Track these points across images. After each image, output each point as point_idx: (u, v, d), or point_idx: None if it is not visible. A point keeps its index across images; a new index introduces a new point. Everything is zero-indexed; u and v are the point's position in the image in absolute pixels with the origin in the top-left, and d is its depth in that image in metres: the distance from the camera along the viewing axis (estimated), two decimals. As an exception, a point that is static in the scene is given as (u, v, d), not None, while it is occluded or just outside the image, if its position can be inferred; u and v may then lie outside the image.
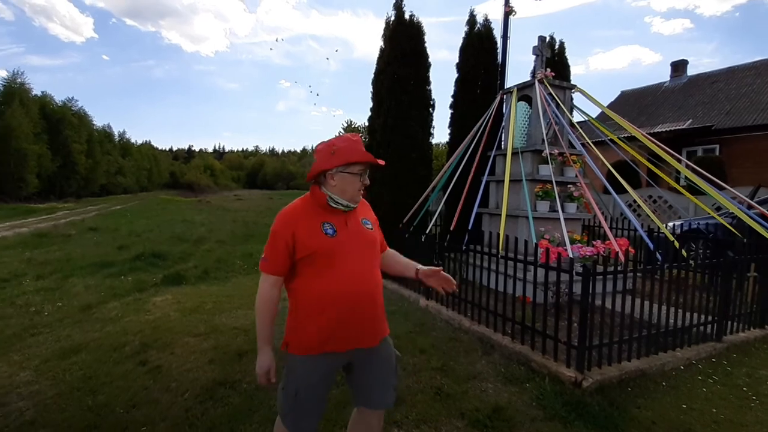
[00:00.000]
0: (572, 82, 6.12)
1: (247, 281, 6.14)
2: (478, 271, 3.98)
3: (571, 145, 5.57)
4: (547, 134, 5.53)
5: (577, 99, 7.22)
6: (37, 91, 33.07)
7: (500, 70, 6.73)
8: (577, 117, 6.19)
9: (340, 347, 1.51)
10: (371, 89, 6.89)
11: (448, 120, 7.21)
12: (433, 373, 2.93)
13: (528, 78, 5.91)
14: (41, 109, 31.76)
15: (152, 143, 70.20)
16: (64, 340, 3.83)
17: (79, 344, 3.66)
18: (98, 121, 44.85)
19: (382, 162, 1.55)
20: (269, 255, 1.52)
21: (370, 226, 1.63)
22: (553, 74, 5.65)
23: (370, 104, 6.90)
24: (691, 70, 18.44)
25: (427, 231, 5.30)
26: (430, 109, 6.94)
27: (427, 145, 6.96)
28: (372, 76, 6.88)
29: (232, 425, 2.33)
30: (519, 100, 5.88)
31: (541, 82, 5.48)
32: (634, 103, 17.69)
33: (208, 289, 5.70)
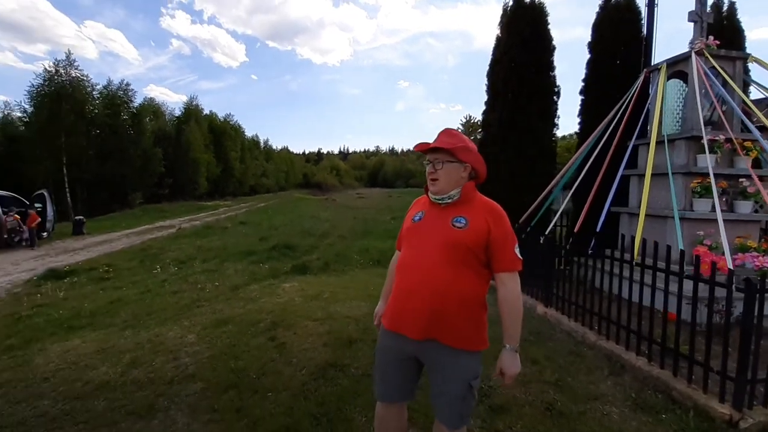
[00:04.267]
0: (746, 51, 4.88)
1: (363, 275, 6.52)
2: (611, 279, 3.45)
3: (745, 129, 4.44)
4: (709, 117, 4.52)
5: (756, 72, 5.73)
6: (206, 110, 40.65)
7: (645, 44, 5.74)
8: (755, 94, 4.91)
9: (388, 323, 1.63)
10: (486, 82, 6.61)
11: (578, 108, 6.46)
12: (545, 387, 2.67)
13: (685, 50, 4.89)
14: (209, 124, 38.97)
15: (289, 148, 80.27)
16: (218, 313, 4.63)
17: (228, 317, 4.38)
18: (248, 132, 53.12)
19: (427, 146, 1.58)
20: (399, 233, 1.78)
21: (460, 225, 1.51)
22: (718, 43, 4.58)
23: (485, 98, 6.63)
24: None
25: (547, 232, 4.84)
26: (554, 98, 6.33)
27: (549, 138, 6.37)
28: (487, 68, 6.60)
29: (339, 404, 2.50)
30: (671, 77, 4.92)
31: (699, 54, 4.49)
32: None
33: (327, 279, 6.23)
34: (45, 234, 12.90)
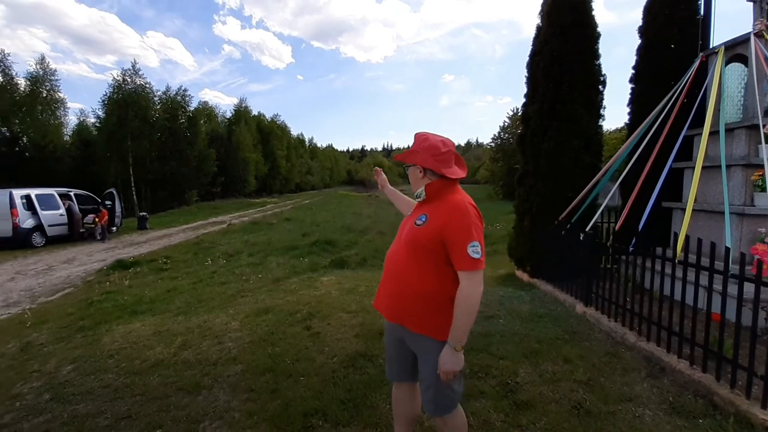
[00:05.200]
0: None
1: (398, 269, 6.60)
2: (662, 279, 3.25)
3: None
4: (771, 104, 4.11)
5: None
6: (254, 111, 42.56)
7: (701, 27, 5.29)
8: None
9: (375, 304, 1.81)
10: (525, 74, 6.40)
11: (628, 97, 6.09)
12: (574, 386, 2.60)
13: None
14: (257, 125, 40.77)
15: (333, 146, 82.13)
16: (260, 302, 4.92)
17: (269, 307, 4.65)
18: (294, 131, 54.95)
19: (399, 159, 1.74)
20: None
21: (419, 222, 1.62)
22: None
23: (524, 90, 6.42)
24: None
25: (587, 228, 4.64)
26: (600, 87, 5.99)
27: (594, 129, 6.05)
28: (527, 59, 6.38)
29: (366, 391, 2.61)
30: (730, 61, 4.51)
31: (759, 36, 4.09)
32: None
33: (364, 274, 6.38)
34: (114, 229, 14.23)
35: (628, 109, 6.09)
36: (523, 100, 6.49)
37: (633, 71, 5.90)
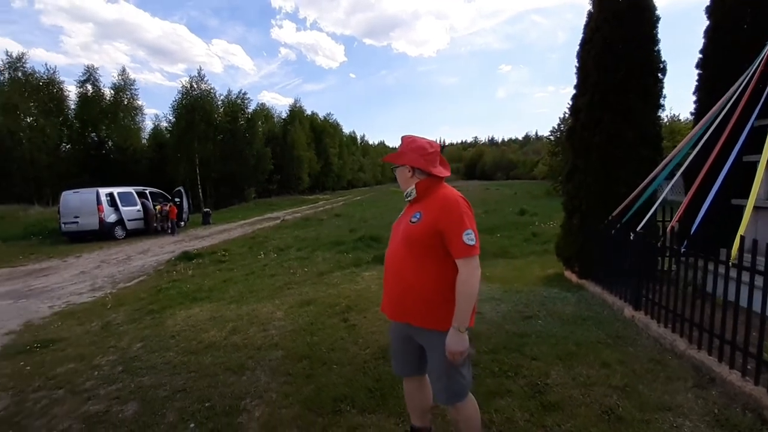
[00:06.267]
0: None
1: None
2: (721, 282, 2.99)
3: None
4: None
5: None
6: (308, 111, 44.17)
7: (782, 3, 4.70)
8: None
9: (381, 306, 1.85)
10: (576, 64, 6.08)
11: (695, 84, 5.57)
12: (608, 391, 2.49)
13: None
14: (310, 124, 42.28)
15: (385, 142, 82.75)
16: (304, 294, 5.20)
17: (311, 299, 4.90)
18: (346, 129, 56.27)
19: (387, 160, 1.82)
20: None
21: (414, 219, 1.68)
22: None
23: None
24: None
25: (639, 227, 4.35)
26: (659, 75, 5.54)
27: (651, 120, 5.61)
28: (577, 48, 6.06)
29: (393, 382, 2.70)
30: (816, 39, 3.99)
31: None
32: None
33: (405, 269, 6.46)
34: (182, 223, 15.59)
35: (694, 97, 5.58)
36: (573, 91, 6.18)
37: (700, 55, 5.38)
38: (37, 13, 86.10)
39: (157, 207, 14.27)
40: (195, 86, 27.80)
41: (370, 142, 68.21)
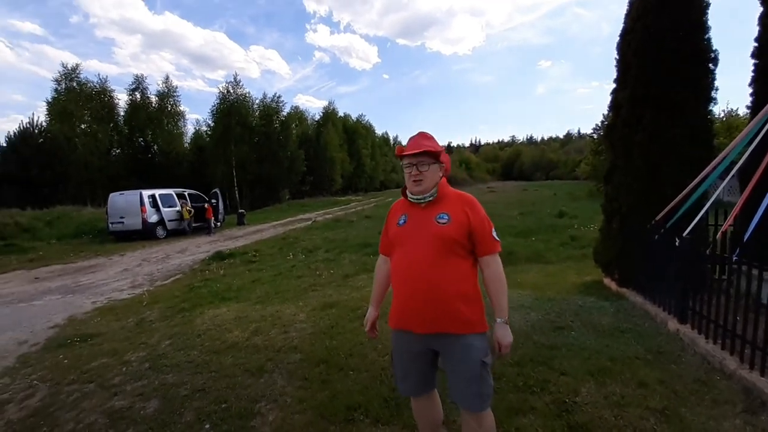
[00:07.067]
0: None
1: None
2: None
3: None
4: None
5: None
6: (341, 112, 44.74)
7: None
8: None
9: (394, 323, 1.72)
10: (615, 56, 5.71)
11: (750, 75, 5.07)
12: (645, 414, 2.27)
13: None
14: (343, 125, 42.80)
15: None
16: (327, 297, 5.19)
17: (334, 302, 4.88)
18: (379, 130, 56.47)
19: (416, 149, 1.66)
20: (381, 238, 1.93)
21: (443, 221, 1.62)
22: None
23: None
24: None
25: (686, 232, 3.99)
26: (709, 66, 5.09)
27: (701, 115, 5.16)
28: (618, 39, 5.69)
29: (408, 394, 2.60)
30: None
31: None
32: None
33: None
34: (218, 224, 16.18)
35: (750, 90, 5.07)
36: (613, 85, 5.81)
37: (755, 44, 4.89)
38: (92, 27, 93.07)
39: (185, 207, 14.82)
40: (231, 91, 28.91)
41: (404, 143, 67.83)
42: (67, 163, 23.18)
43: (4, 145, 23.47)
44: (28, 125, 23.95)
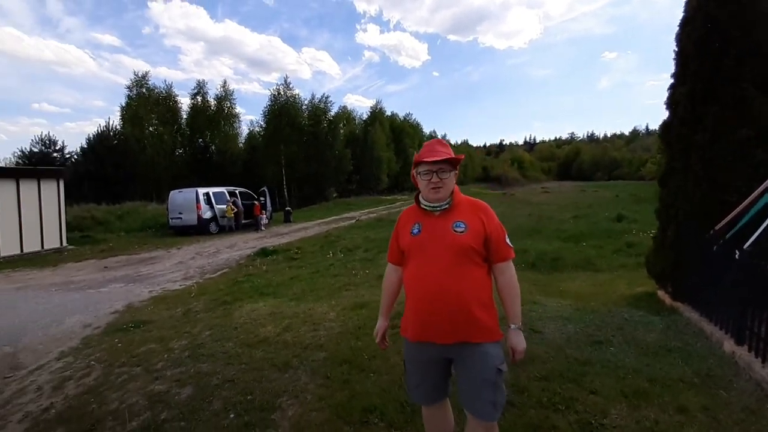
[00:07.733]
0: None
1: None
2: None
3: None
4: None
5: None
6: (389, 111, 44.97)
7: None
8: None
9: (413, 336, 1.70)
10: (674, 48, 5.24)
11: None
12: (680, 443, 2.08)
13: None
14: (390, 124, 42.98)
15: (468, 141, 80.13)
16: (359, 297, 5.27)
17: (365, 302, 4.94)
18: (427, 128, 55.84)
19: (437, 157, 1.60)
20: (389, 246, 1.90)
21: (460, 229, 1.61)
22: None
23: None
24: None
25: (747, 244, 3.59)
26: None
27: (773, 115, 4.62)
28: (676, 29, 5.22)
29: (424, 400, 2.57)
30: None
31: None
32: None
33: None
34: (266, 221, 16.96)
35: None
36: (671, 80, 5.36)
37: None
38: (161, 36, 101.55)
39: (228, 205, 15.52)
40: (282, 93, 30.14)
41: (452, 142, 66.65)
42: (136, 163, 25.48)
43: (85, 146, 26.23)
44: (104, 128, 26.68)
